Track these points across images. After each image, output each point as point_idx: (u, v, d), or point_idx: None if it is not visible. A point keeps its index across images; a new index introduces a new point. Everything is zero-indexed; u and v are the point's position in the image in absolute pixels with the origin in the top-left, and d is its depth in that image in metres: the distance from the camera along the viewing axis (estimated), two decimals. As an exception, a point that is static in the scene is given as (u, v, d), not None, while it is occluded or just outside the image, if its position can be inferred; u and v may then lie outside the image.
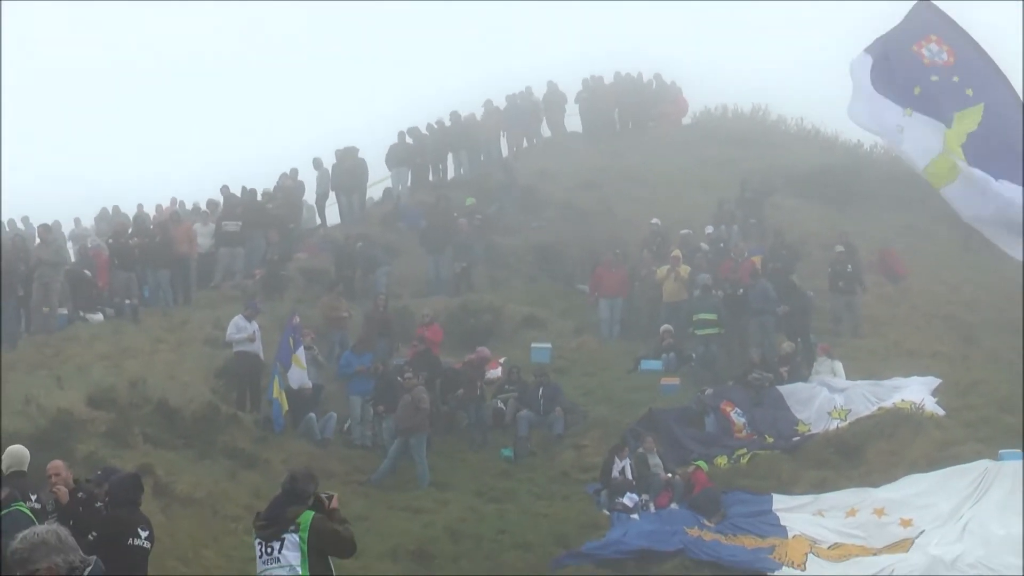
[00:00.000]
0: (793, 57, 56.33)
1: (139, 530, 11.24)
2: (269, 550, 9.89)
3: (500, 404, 24.08)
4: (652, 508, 20.08)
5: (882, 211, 35.35)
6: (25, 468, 12.24)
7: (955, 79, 14.85)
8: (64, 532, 6.14)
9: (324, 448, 22.09)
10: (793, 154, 40.58)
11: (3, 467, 12.11)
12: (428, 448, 21.73)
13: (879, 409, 22.50)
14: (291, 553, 9.80)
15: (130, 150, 65.01)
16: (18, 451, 12.40)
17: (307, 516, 9.89)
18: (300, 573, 9.75)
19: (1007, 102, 14.43)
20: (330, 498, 10.23)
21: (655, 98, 43.47)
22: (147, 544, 11.29)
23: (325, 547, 9.93)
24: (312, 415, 22.48)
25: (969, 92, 14.65)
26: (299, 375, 22.74)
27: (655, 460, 21.10)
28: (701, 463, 21.44)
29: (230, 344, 23.12)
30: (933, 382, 23.35)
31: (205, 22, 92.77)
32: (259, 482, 19.58)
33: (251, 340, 22.74)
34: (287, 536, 9.84)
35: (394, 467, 21.48)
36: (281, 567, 9.80)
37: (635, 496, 20.16)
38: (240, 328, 22.77)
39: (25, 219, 32.88)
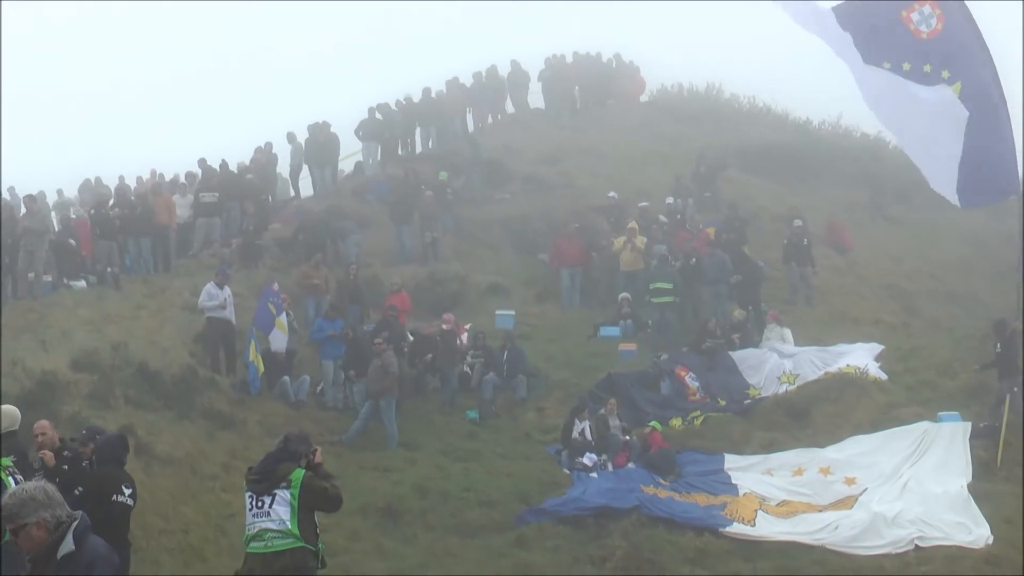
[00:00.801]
0: (746, 37, 56.97)
1: (123, 487, 11.46)
2: (260, 504, 10.15)
3: (466, 368, 24.55)
4: (610, 467, 20.41)
5: (829, 186, 36.07)
6: (17, 428, 12.41)
7: (927, 68, 14.70)
8: (51, 488, 6.44)
9: (298, 410, 22.35)
10: (745, 131, 41.24)
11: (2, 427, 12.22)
12: (397, 410, 22.02)
13: (826, 374, 23.08)
14: (281, 508, 10.07)
15: (110, 128, 64.62)
16: (12, 411, 12.46)
17: (298, 474, 10.19)
18: (289, 527, 10.07)
19: (984, 80, 14.38)
20: (313, 452, 10.59)
21: (614, 77, 43.88)
22: (130, 501, 11.53)
23: (314, 503, 10.25)
24: (286, 378, 22.80)
25: (945, 74, 14.54)
26: (281, 339, 23.11)
27: (615, 422, 21.43)
28: (656, 424, 21.75)
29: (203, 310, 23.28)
30: (876, 348, 24.03)
31: (181, 5, 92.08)
32: (236, 442, 19.91)
33: (222, 307, 22.94)
34: (278, 492, 10.06)
35: (365, 428, 21.79)
36: (271, 520, 10.07)
37: (594, 456, 20.49)
38: (212, 295, 22.92)
39: (11, 190, 32.69)
